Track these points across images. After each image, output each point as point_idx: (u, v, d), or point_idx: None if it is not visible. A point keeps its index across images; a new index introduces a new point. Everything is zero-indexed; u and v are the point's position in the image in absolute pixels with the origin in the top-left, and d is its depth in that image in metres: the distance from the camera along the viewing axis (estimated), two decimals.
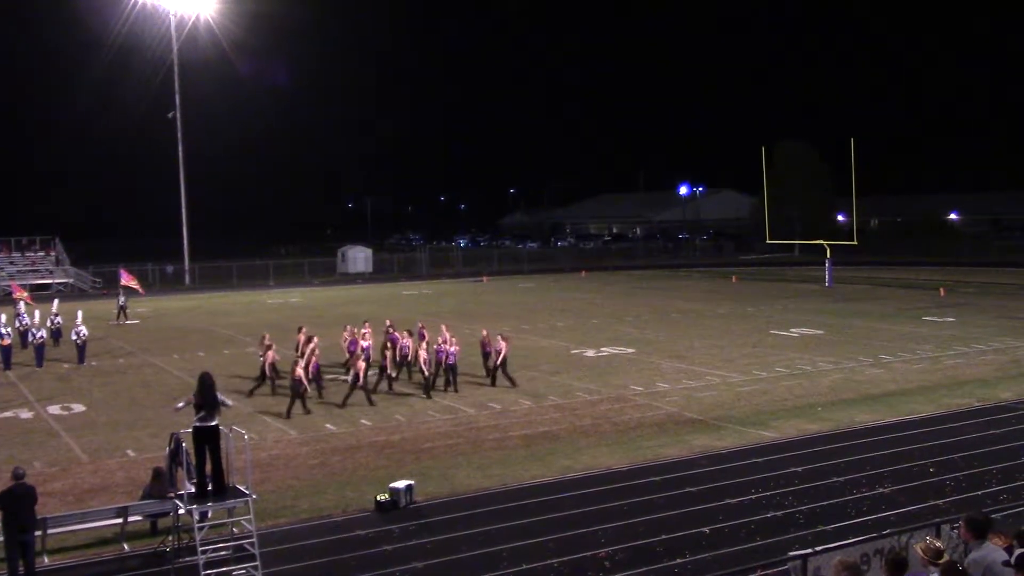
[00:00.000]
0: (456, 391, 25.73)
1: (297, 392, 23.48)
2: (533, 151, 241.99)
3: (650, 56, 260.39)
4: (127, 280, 47.42)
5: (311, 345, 26.16)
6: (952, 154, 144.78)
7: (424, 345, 26.24)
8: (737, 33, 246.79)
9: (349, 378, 25.33)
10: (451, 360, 25.98)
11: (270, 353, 25.99)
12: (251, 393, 25.76)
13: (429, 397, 25.11)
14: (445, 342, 26.12)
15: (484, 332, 28.38)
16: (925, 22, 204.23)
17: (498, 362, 26.64)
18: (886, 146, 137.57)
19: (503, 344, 26.69)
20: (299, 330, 28.46)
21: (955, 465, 17.94)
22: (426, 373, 25.54)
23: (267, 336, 27.69)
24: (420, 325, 29.25)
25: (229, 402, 14.34)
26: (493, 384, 26.44)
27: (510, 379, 26.42)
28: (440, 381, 26.00)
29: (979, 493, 16.19)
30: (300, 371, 23.67)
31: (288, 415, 23.19)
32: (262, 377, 26.33)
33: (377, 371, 25.96)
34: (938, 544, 8.39)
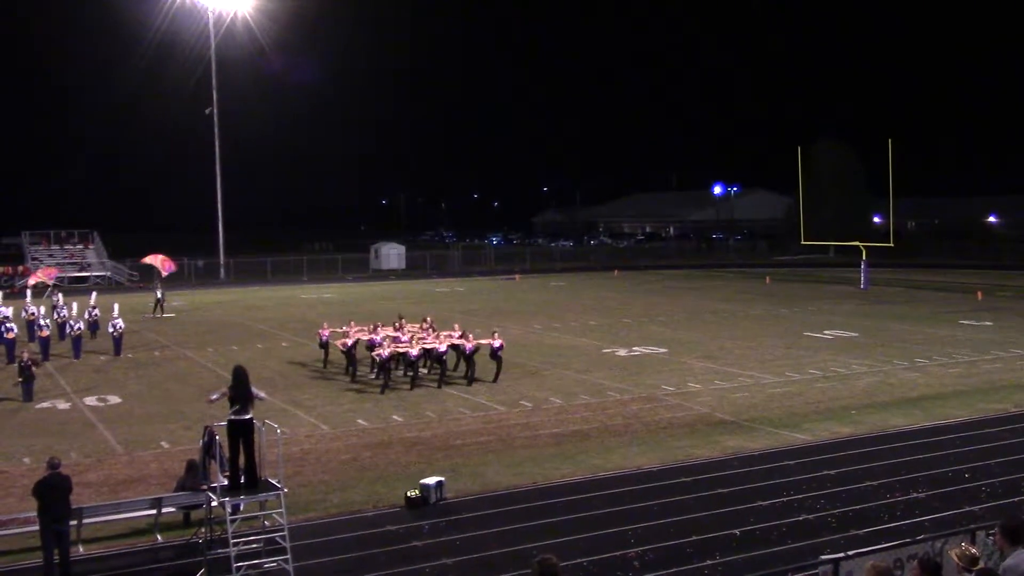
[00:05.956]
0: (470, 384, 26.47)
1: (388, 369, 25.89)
2: (567, 149, 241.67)
3: (685, 54, 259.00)
4: (166, 267, 47.96)
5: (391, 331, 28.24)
6: (992, 156, 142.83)
7: (440, 337, 27.20)
8: (773, 31, 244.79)
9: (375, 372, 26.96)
10: (468, 351, 26.61)
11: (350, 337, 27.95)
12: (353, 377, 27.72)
13: (440, 387, 26.00)
14: (462, 336, 27.06)
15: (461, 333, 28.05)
16: (964, 23, 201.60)
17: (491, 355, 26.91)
18: (924, 147, 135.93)
19: (474, 343, 26.90)
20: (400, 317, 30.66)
21: (991, 471, 17.70)
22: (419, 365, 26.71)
23: (353, 323, 29.58)
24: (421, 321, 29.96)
25: (262, 395, 14.44)
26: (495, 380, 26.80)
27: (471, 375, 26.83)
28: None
29: (1016, 499, 15.97)
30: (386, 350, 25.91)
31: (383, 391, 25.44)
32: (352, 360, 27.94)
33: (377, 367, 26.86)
34: (973, 550, 8.28)
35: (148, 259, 49.73)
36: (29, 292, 41.27)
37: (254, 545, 13.55)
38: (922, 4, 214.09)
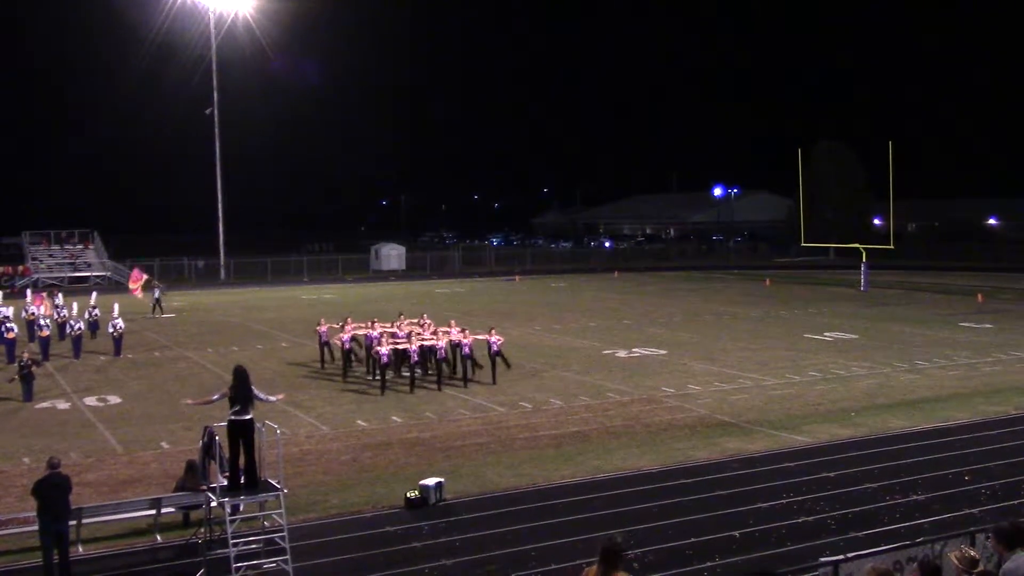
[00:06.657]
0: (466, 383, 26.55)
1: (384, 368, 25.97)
2: (567, 150, 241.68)
3: (685, 56, 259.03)
4: (136, 280, 46.81)
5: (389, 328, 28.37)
6: (992, 158, 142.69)
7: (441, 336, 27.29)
8: (773, 33, 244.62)
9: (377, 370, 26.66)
10: (466, 351, 26.60)
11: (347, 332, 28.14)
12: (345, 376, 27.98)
13: (440, 389, 25.96)
14: (461, 332, 27.20)
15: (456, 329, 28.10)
16: (965, 24, 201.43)
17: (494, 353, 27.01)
18: (925, 149, 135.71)
19: (471, 339, 26.92)
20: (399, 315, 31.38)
21: (991, 473, 17.70)
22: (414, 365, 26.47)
23: (350, 319, 29.67)
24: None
25: (263, 396, 14.43)
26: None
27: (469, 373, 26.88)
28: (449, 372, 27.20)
29: (1016, 502, 15.97)
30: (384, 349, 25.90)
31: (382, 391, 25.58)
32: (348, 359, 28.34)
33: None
34: (973, 553, 8.28)
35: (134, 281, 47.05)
36: (29, 292, 41.31)
37: (254, 546, 13.54)
38: (922, 4, 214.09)
